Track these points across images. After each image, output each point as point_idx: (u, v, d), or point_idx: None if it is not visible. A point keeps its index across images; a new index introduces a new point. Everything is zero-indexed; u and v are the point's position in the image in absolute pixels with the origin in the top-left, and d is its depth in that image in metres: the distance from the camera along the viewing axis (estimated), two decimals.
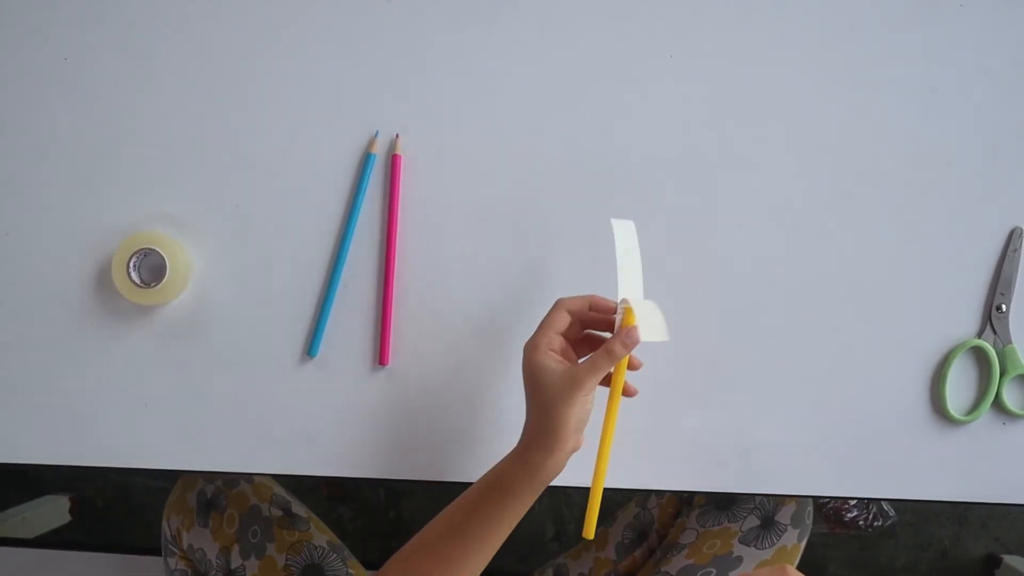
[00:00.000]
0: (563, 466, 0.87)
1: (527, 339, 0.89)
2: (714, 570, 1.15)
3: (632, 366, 0.91)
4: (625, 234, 0.90)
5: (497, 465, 0.88)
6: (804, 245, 1.03)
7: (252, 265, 1.05)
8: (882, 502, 1.99)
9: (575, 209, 1.04)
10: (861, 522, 1.99)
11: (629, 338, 0.83)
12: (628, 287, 0.88)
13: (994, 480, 1.03)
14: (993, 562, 2.00)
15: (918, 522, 2.03)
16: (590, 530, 0.84)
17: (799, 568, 0.86)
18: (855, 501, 1.97)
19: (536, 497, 0.88)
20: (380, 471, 1.06)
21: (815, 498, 1.05)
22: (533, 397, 0.85)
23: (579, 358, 0.91)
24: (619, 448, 1.01)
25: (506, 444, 0.93)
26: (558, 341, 0.86)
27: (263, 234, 1.05)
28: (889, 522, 2.00)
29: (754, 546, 1.17)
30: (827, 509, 1.98)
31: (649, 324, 0.85)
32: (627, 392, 0.90)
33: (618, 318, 0.87)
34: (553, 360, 0.84)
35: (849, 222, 1.03)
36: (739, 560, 1.16)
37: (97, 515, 2.00)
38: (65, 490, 2.00)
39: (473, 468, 1.04)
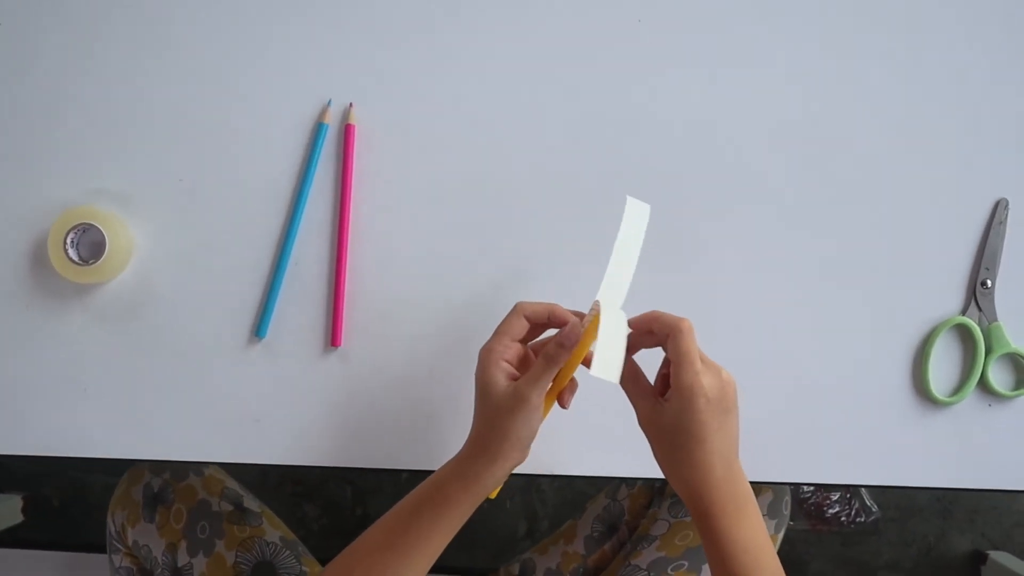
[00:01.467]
0: (505, 478, 0.83)
1: (486, 322, 0.86)
2: (686, 562, 1.11)
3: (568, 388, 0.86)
4: (636, 219, 0.84)
5: (437, 471, 0.84)
6: (781, 221, 0.99)
7: (197, 242, 1.01)
8: (864, 497, 1.96)
9: (538, 187, 1.00)
10: (843, 518, 1.96)
11: (567, 338, 0.78)
12: (612, 286, 0.82)
13: (980, 465, 0.99)
14: (979, 558, 1.97)
15: (902, 518, 2.00)
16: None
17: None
18: (837, 496, 1.94)
19: (476, 507, 0.83)
20: (332, 459, 1.01)
21: (792, 485, 1.01)
22: (479, 407, 0.82)
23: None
24: (588, 435, 0.97)
25: (464, 429, 0.87)
26: (514, 349, 0.82)
27: (209, 210, 1.01)
28: (872, 518, 1.98)
29: None
30: (808, 505, 1.95)
31: (607, 345, 0.76)
32: (560, 402, 0.85)
33: (586, 320, 0.81)
34: (502, 372, 0.80)
35: (828, 197, 0.99)
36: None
37: (52, 514, 1.94)
38: (21, 489, 1.94)
39: (430, 455, 1.00)
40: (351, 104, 1.00)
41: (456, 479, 0.81)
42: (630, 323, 0.81)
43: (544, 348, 0.78)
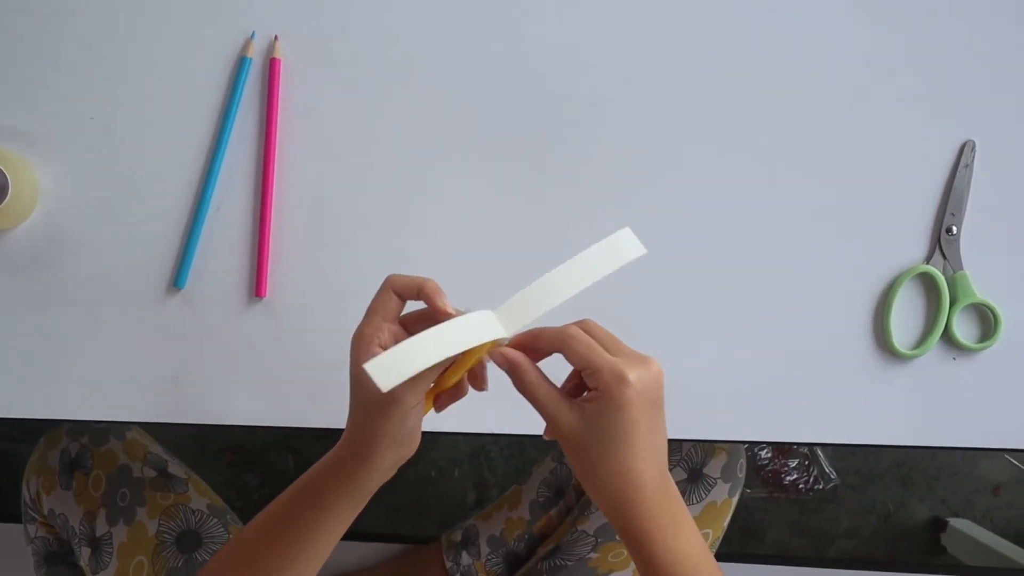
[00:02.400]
0: (384, 478, 0.73)
1: (420, 270, 0.77)
2: None
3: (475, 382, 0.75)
4: (615, 252, 0.70)
5: (315, 465, 0.75)
6: (734, 164, 0.94)
7: (110, 186, 0.94)
8: (823, 464, 1.94)
9: (477, 127, 0.94)
10: (801, 485, 1.95)
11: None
12: (523, 306, 0.68)
13: (943, 421, 0.95)
14: (939, 525, 1.96)
15: (861, 485, 1.98)
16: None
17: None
18: (795, 463, 1.92)
19: (360, 506, 0.74)
20: (258, 418, 0.95)
21: (746, 444, 0.96)
22: (351, 401, 0.72)
23: None
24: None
25: None
26: (389, 331, 0.69)
27: (123, 150, 0.94)
28: (831, 485, 1.96)
29: None
30: (766, 472, 1.93)
31: (424, 348, 0.63)
32: (474, 384, 0.75)
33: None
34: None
35: (785, 137, 0.94)
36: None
37: None
38: None
39: None
40: (276, 37, 0.94)
41: (329, 477, 0.73)
42: (513, 343, 0.70)
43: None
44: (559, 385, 0.70)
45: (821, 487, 1.95)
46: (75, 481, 1.09)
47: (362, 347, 0.68)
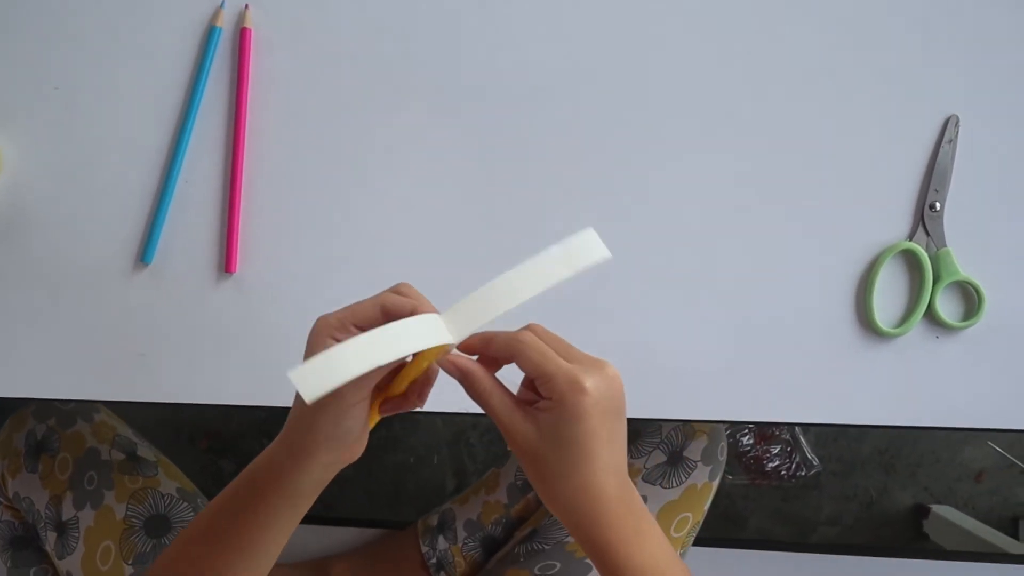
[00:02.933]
0: (320, 479, 0.69)
1: (393, 245, 0.76)
2: None
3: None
4: (576, 254, 0.65)
5: (255, 459, 0.72)
6: (713, 140, 0.92)
7: (75, 158, 0.92)
8: (805, 450, 1.93)
9: (450, 95, 0.92)
10: (783, 472, 1.94)
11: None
12: (474, 310, 0.64)
13: (926, 401, 0.93)
14: (921, 512, 1.96)
15: (843, 471, 1.98)
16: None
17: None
18: (777, 450, 1.91)
19: (299, 509, 0.70)
20: (227, 396, 0.93)
21: (726, 424, 0.95)
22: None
23: None
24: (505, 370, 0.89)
25: None
26: (351, 336, 0.65)
27: (88, 121, 0.91)
28: (813, 472, 1.95)
29: (660, 484, 1.07)
30: (748, 459, 1.92)
31: (363, 353, 0.59)
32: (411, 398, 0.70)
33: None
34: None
35: (764, 112, 0.92)
36: (643, 500, 1.04)
37: None
38: None
39: None
40: (247, 6, 0.92)
41: (266, 473, 0.70)
42: (463, 348, 0.67)
43: None
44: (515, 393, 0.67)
45: (803, 474, 1.94)
46: (41, 464, 1.07)
47: (319, 336, 0.65)
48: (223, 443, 1.81)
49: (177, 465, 1.15)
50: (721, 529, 1.92)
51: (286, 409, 0.92)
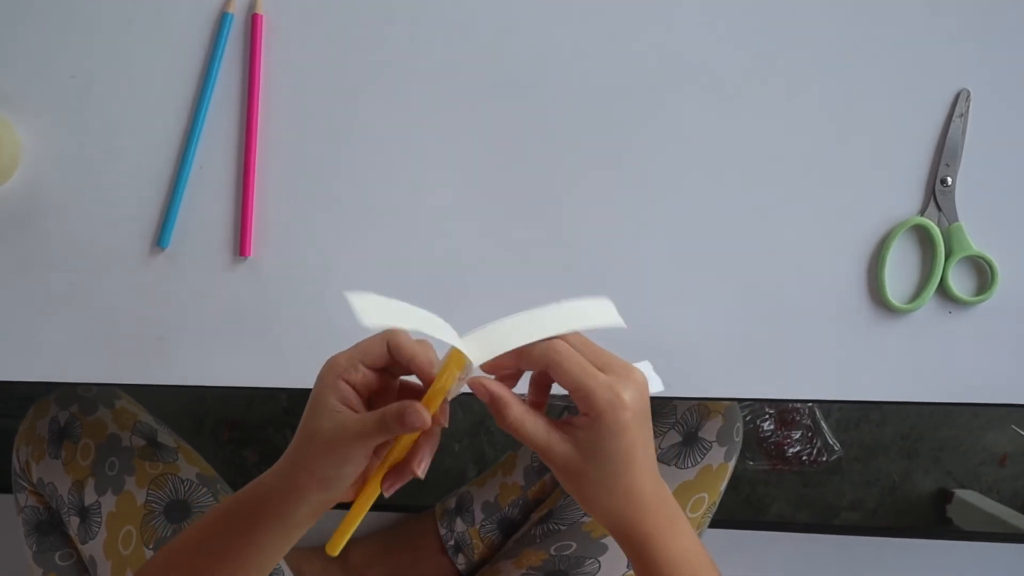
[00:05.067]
0: (311, 514, 0.69)
1: (408, 227, 0.79)
2: None
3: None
4: (587, 314, 0.69)
5: (248, 485, 0.72)
6: (722, 113, 0.92)
7: (92, 144, 0.92)
8: (827, 435, 1.92)
9: (463, 79, 0.93)
10: (804, 457, 1.92)
11: (409, 420, 0.62)
12: (486, 342, 0.65)
13: (940, 377, 0.93)
14: (944, 497, 1.94)
15: (865, 456, 1.96)
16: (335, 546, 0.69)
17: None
18: (798, 435, 1.90)
19: (289, 539, 0.70)
20: (243, 379, 0.94)
21: (738, 400, 0.95)
22: (302, 424, 0.68)
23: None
24: None
25: None
26: (363, 374, 0.66)
27: (104, 109, 0.92)
28: (834, 457, 1.94)
29: (675, 465, 1.07)
30: (768, 444, 1.91)
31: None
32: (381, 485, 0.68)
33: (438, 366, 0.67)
34: (336, 395, 0.65)
35: (773, 87, 0.92)
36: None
37: None
38: None
39: None
40: None
41: (259, 500, 0.70)
42: (487, 367, 0.67)
43: (386, 409, 0.63)
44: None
45: (825, 459, 1.93)
46: (64, 450, 1.08)
47: (329, 377, 0.65)
48: (245, 434, 1.83)
49: (200, 455, 1.16)
50: (742, 515, 1.92)
51: (304, 392, 0.93)
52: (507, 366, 0.67)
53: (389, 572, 1.18)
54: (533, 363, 0.65)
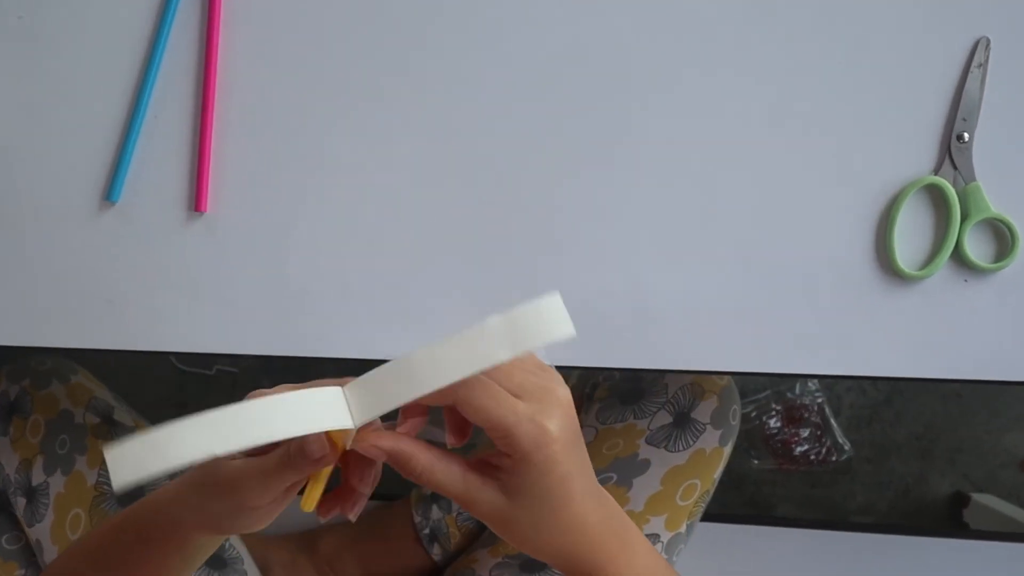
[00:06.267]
0: (218, 541, 0.67)
1: (371, 183, 0.77)
2: (615, 475, 1.00)
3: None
4: (524, 332, 0.54)
5: (151, 499, 0.68)
6: (720, 65, 0.86)
7: (38, 90, 0.87)
8: (836, 434, 1.87)
9: (436, 29, 0.86)
10: (813, 457, 1.87)
11: (307, 447, 0.55)
12: (374, 393, 0.55)
13: (954, 350, 0.86)
14: (961, 501, 1.88)
15: (877, 457, 1.90)
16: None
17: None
18: (806, 433, 1.84)
19: (193, 564, 0.68)
20: (199, 344, 0.88)
21: (733, 374, 0.89)
22: None
23: None
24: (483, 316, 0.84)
25: (351, 307, 0.80)
26: None
27: (52, 52, 0.87)
28: (844, 457, 1.88)
29: (664, 447, 1.01)
30: (775, 442, 1.85)
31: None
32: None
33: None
34: None
35: (774, 32, 0.85)
36: (646, 463, 0.99)
37: None
38: None
39: (308, 338, 0.87)
40: None
41: (160, 522, 0.66)
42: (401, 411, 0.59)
43: (288, 444, 0.56)
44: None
45: (834, 459, 1.87)
46: (12, 427, 1.03)
47: None
48: None
49: None
50: (745, 517, 1.86)
51: (267, 358, 0.87)
52: (410, 408, 0.58)
53: (360, 562, 1.13)
54: (435, 399, 0.55)
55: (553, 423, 0.55)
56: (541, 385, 0.57)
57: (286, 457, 0.55)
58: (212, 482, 0.58)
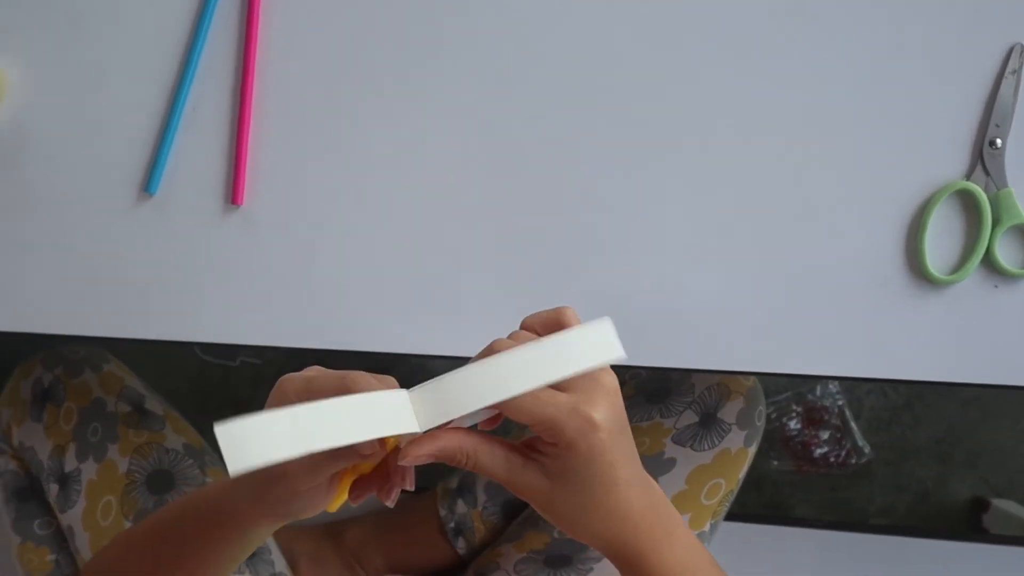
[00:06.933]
0: (272, 528, 0.66)
1: (408, 177, 0.78)
2: None
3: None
4: (586, 345, 0.57)
5: (207, 490, 0.69)
6: (750, 67, 0.86)
7: (80, 81, 0.87)
8: (856, 437, 1.86)
9: (475, 24, 0.87)
10: (832, 459, 1.85)
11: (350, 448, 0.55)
12: (437, 401, 0.56)
13: (982, 355, 0.86)
14: (981, 506, 1.86)
15: (896, 460, 1.88)
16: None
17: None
18: (826, 435, 1.83)
19: (248, 549, 0.69)
20: (232, 335, 0.88)
21: (761, 375, 0.89)
22: None
23: None
24: (516, 313, 0.85)
25: (385, 301, 0.80)
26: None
27: (94, 41, 0.87)
28: (864, 460, 1.86)
29: (690, 447, 1.01)
30: (794, 444, 1.84)
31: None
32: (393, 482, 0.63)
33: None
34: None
35: (808, 36, 0.86)
36: (671, 462, 1.00)
37: None
38: None
39: (344, 332, 0.87)
40: None
41: (214, 511, 0.67)
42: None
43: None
44: None
45: (854, 461, 1.86)
46: (46, 414, 1.04)
47: (277, 394, 0.59)
48: (251, 412, 1.76)
49: (202, 433, 1.11)
50: (764, 517, 1.85)
51: (299, 351, 0.88)
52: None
53: (385, 554, 1.13)
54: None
55: (599, 412, 0.56)
56: (587, 377, 0.57)
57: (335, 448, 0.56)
58: (267, 469, 0.59)
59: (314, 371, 0.59)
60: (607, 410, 0.56)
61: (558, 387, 0.56)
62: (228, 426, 0.50)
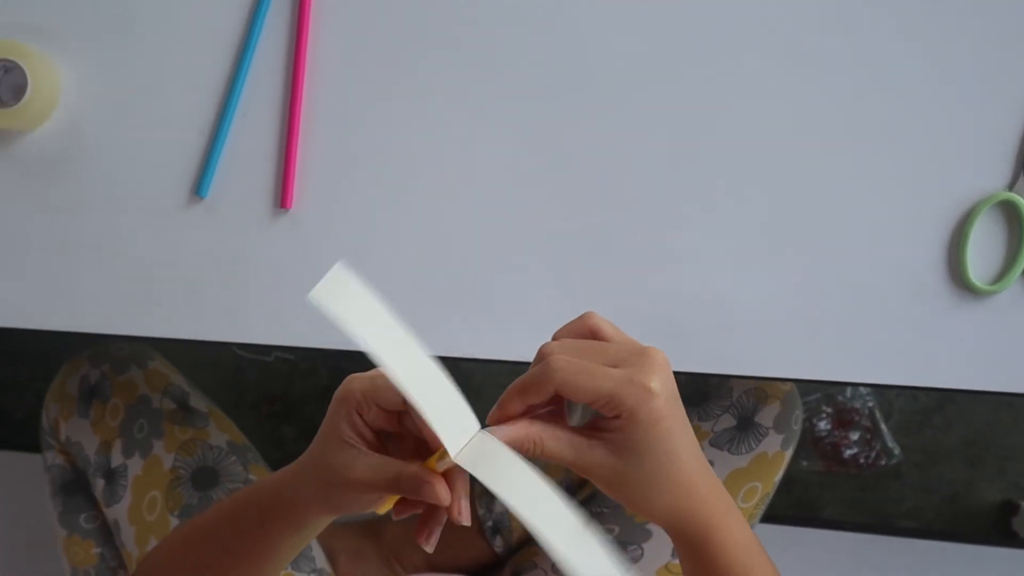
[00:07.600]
0: (329, 519, 0.69)
1: (454, 182, 0.78)
2: None
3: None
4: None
5: (267, 481, 0.71)
6: (794, 74, 0.86)
7: (133, 85, 0.89)
8: (886, 438, 1.85)
9: (524, 34, 0.88)
10: (862, 460, 1.84)
11: (422, 491, 0.59)
12: (487, 449, 0.58)
13: (1022, 366, 0.86)
14: (1010, 509, 1.84)
15: (926, 462, 1.88)
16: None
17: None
18: (856, 437, 1.82)
19: (306, 539, 0.71)
20: (280, 336, 0.90)
21: (803, 382, 0.89)
22: (316, 438, 0.65)
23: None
24: (559, 318, 0.85)
25: (431, 306, 0.81)
26: (374, 414, 0.63)
27: (147, 47, 0.89)
28: (894, 461, 1.85)
29: (728, 450, 1.02)
30: (824, 444, 1.84)
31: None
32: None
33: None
34: (350, 427, 0.62)
35: (851, 47, 0.86)
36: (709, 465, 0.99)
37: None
38: None
39: None
40: None
41: (275, 504, 0.69)
42: (496, 416, 0.60)
43: (403, 471, 0.60)
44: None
45: (883, 463, 1.85)
46: (93, 410, 1.05)
47: (344, 407, 0.62)
48: (285, 408, 1.80)
49: (239, 428, 1.13)
50: (793, 517, 1.85)
51: (337, 352, 0.89)
52: (514, 412, 0.60)
53: (424, 552, 1.14)
54: (538, 398, 0.58)
55: (654, 381, 0.57)
56: (636, 350, 0.59)
57: (396, 481, 0.59)
58: (329, 470, 0.62)
59: (378, 372, 0.61)
60: (662, 379, 0.58)
61: (612, 363, 0.58)
62: (346, 273, 0.56)
